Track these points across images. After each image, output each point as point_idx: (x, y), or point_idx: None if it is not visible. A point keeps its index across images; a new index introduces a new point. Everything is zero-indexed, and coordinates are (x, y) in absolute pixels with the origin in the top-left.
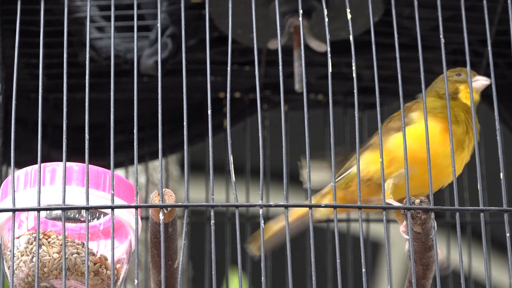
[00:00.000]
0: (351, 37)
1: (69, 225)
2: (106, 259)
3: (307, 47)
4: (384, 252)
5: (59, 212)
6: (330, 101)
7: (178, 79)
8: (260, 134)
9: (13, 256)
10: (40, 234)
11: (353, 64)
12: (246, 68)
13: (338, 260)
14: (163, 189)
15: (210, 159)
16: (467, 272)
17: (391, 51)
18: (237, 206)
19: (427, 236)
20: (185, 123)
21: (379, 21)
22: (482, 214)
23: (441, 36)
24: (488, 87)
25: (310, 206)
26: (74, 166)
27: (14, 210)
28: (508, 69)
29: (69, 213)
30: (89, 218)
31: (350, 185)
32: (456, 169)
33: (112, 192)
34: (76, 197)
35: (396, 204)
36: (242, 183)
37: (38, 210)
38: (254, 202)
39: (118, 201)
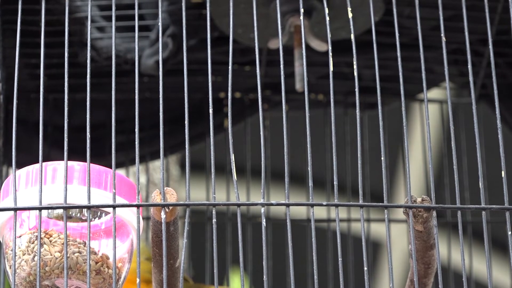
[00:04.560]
0: (352, 37)
1: (70, 224)
2: (107, 258)
3: (307, 46)
4: (384, 252)
5: (61, 211)
6: (332, 101)
7: (178, 79)
8: (261, 134)
9: (15, 255)
10: (41, 233)
11: (355, 63)
12: (247, 68)
13: (340, 259)
14: (165, 188)
15: (212, 157)
16: (468, 272)
17: (391, 51)
18: (238, 205)
19: (429, 235)
20: (186, 123)
21: (379, 21)
22: (483, 212)
23: (442, 35)
24: (489, 87)
25: (312, 205)
26: (75, 165)
27: (15, 209)
28: (508, 68)
29: (70, 212)
30: (90, 217)
31: None
32: None
33: (114, 191)
34: (77, 196)
35: None
36: (242, 183)
37: (40, 209)
38: (255, 201)
39: (120, 200)
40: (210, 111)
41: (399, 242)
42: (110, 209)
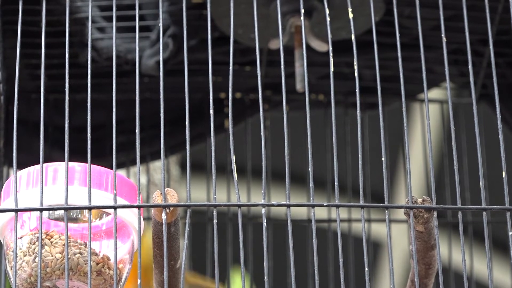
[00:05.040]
0: (353, 37)
1: (71, 225)
2: (108, 259)
3: (308, 47)
4: (385, 252)
5: (62, 212)
6: (332, 101)
7: (178, 79)
8: (262, 134)
9: (16, 256)
10: (42, 234)
11: (355, 64)
12: (247, 68)
13: (340, 259)
14: (166, 189)
15: (212, 158)
16: (469, 273)
17: (391, 51)
18: (239, 206)
19: (430, 235)
20: (187, 123)
21: (380, 21)
22: (484, 212)
23: (442, 35)
24: (489, 87)
25: (313, 206)
26: (76, 166)
27: (16, 210)
28: (508, 68)
29: (71, 213)
30: (91, 218)
31: None
32: None
33: (115, 191)
34: (78, 197)
35: None
36: (243, 184)
37: (41, 210)
38: (256, 202)
39: (121, 201)
40: (211, 111)
41: (399, 243)
42: (111, 210)
